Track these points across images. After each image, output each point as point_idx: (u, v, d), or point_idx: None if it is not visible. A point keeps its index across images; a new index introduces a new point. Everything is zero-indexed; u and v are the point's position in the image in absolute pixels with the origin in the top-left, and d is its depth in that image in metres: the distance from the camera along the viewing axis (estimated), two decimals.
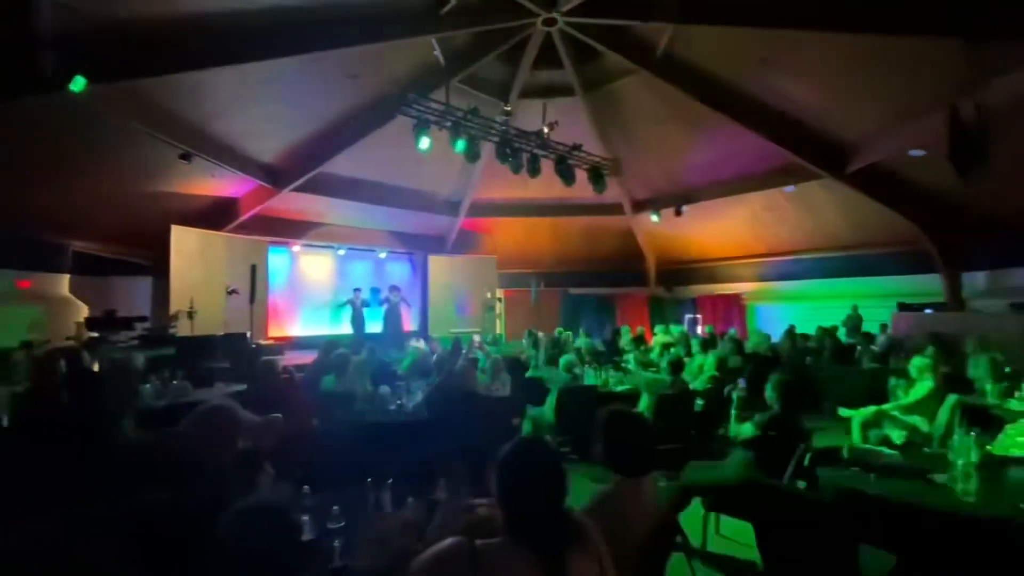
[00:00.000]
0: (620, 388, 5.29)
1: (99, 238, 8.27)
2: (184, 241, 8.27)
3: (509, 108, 7.63)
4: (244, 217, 9.21)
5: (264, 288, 9.78)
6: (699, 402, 4.78)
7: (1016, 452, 2.38)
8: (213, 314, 8.35)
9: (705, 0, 5.97)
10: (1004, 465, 2.27)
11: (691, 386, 5.04)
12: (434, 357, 5.76)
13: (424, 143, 6.81)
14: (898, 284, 9.51)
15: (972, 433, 2.32)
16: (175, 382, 4.85)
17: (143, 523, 1.90)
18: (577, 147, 8.18)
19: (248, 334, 8.33)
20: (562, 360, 5.19)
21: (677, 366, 5.14)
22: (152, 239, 8.14)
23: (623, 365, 6.52)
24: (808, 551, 1.98)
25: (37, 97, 4.95)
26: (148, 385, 4.72)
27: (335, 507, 1.80)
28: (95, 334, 6.85)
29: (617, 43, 7.56)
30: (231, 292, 8.31)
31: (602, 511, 1.78)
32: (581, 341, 8.28)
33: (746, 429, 3.03)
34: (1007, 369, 4.22)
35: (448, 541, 1.28)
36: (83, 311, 7.82)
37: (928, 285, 8.98)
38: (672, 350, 6.54)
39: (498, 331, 11.84)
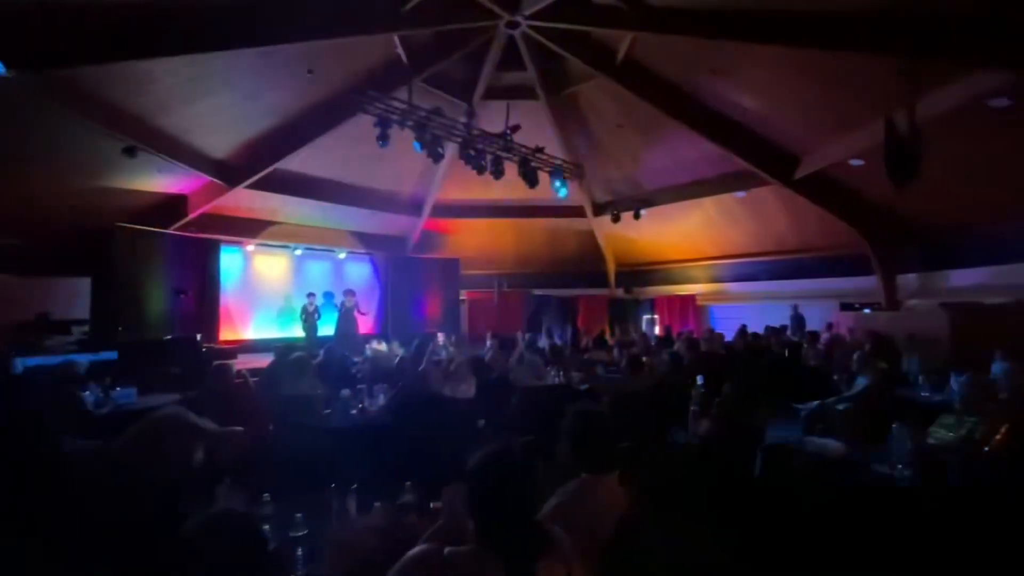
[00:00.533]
0: (583, 387, 5.38)
1: (34, 236, 7.69)
2: (128, 240, 7.81)
3: (473, 109, 7.63)
4: (194, 215, 8.78)
5: (216, 289, 9.38)
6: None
7: (942, 437, 2.58)
8: (160, 317, 7.93)
9: (663, 11, 6.15)
10: (937, 452, 2.44)
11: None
12: (396, 360, 5.67)
13: (386, 142, 6.72)
14: (838, 285, 10.08)
15: (908, 424, 2.50)
16: (118, 388, 4.59)
17: (90, 542, 1.80)
18: (540, 150, 8.26)
19: (198, 337, 7.96)
20: (525, 361, 5.22)
21: (636, 365, 5.27)
22: (94, 238, 7.63)
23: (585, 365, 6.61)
24: (763, 543, 2.07)
25: None
26: (88, 392, 4.44)
27: (298, 515, 1.75)
28: (24, 338, 6.39)
29: (579, 48, 7.69)
30: (180, 293, 7.92)
31: (568, 508, 1.81)
32: (544, 342, 8.35)
33: (703, 426, 3.14)
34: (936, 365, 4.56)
35: (417, 549, 1.28)
36: (12, 314, 7.25)
37: (866, 286, 9.56)
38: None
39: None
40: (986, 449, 2.17)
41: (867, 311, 9.19)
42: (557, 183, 8.72)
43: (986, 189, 7.06)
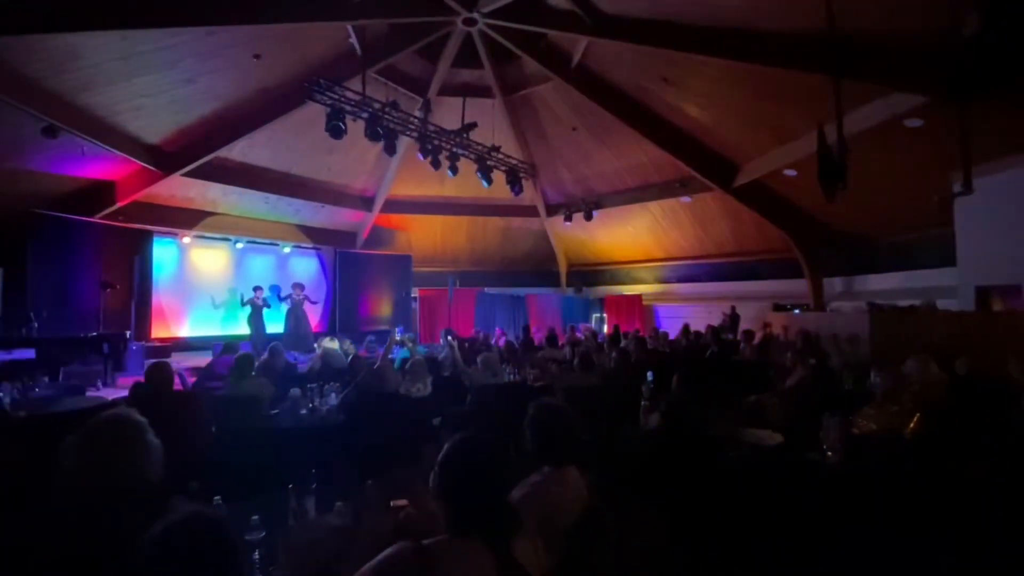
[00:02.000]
0: (537, 384, 5.46)
1: None
2: (47, 228, 7.16)
3: (430, 105, 7.55)
4: (123, 203, 8.17)
5: (148, 283, 8.78)
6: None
7: (865, 426, 2.84)
8: (84, 312, 7.33)
9: (615, 18, 6.34)
10: (862, 440, 2.69)
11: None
12: (349, 357, 5.53)
13: (336, 133, 6.54)
14: (773, 287, 10.75)
15: (835, 414, 2.73)
16: (37, 389, 4.22)
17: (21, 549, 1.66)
18: (496, 148, 8.30)
19: (128, 334, 7.43)
20: (480, 359, 5.24)
21: (587, 362, 5.41)
22: (7, 224, 6.95)
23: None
24: (712, 531, 2.21)
25: None
26: (1, 393, 4.06)
27: (254, 517, 1.70)
28: None
29: (535, 49, 7.78)
30: (106, 287, 7.35)
31: (531, 500, 1.86)
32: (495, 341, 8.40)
33: (653, 419, 3.28)
34: (857, 360, 4.97)
35: (393, 548, 1.25)
36: None
37: (796, 288, 10.26)
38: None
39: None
40: (905, 436, 2.42)
41: (796, 311, 9.85)
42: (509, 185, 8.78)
43: (900, 202, 7.76)
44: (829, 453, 2.51)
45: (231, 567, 1.04)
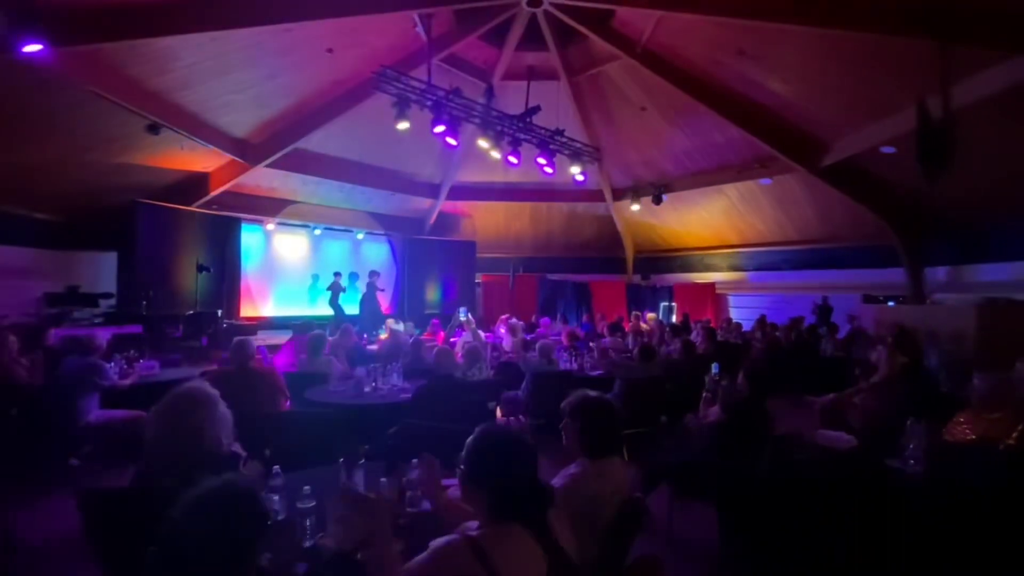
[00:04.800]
0: (594, 373, 5.38)
1: (61, 210, 7.92)
2: (151, 216, 7.98)
3: (493, 90, 7.54)
4: (215, 193, 8.92)
5: (237, 266, 9.57)
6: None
7: (958, 435, 2.51)
8: (184, 292, 8.13)
9: None
10: (952, 450, 2.39)
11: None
12: (411, 339, 5.73)
13: (403, 122, 6.70)
14: (864, 277, 9.82)
15: (922, 419, 2.44)
16: (141, 361, 4.74)
17: (103, 502, 1.87)
18: (559, 132, 8.15)
19: (220, 313, 8.15)
20: (538, 345, 5.23)
21: (648, 352, 5.24)
22: (118, 213, 7.82)
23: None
24: (767, 534, 2.06)
25: None
26: (112, 364, 4.59)
27: (306, 487, 1.80)
28: (55, 310, 6.61)
29: (602, 28, 7.51)
30: (202, 270, 8.09)
31: (571, 492, 1.83)
32: (559, 327, 8.35)
33: (713, 413, 3.12)
34: (959, 360, 4.43)
35: (445, 539, 1.28)
36: (43, 286, 7.51)
37: (892, 278, 9.30)
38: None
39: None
40: (1001, 448, 2.12)
41: (891, 304, 8.96)
42: (574, 168, 8.60)
43: (1020, 182, 6.76)
44: (911, 462, 2.26)
45: (253, 536, 1.10)
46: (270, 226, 10.29)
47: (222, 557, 1.02)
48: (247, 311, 9.86)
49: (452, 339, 7.13)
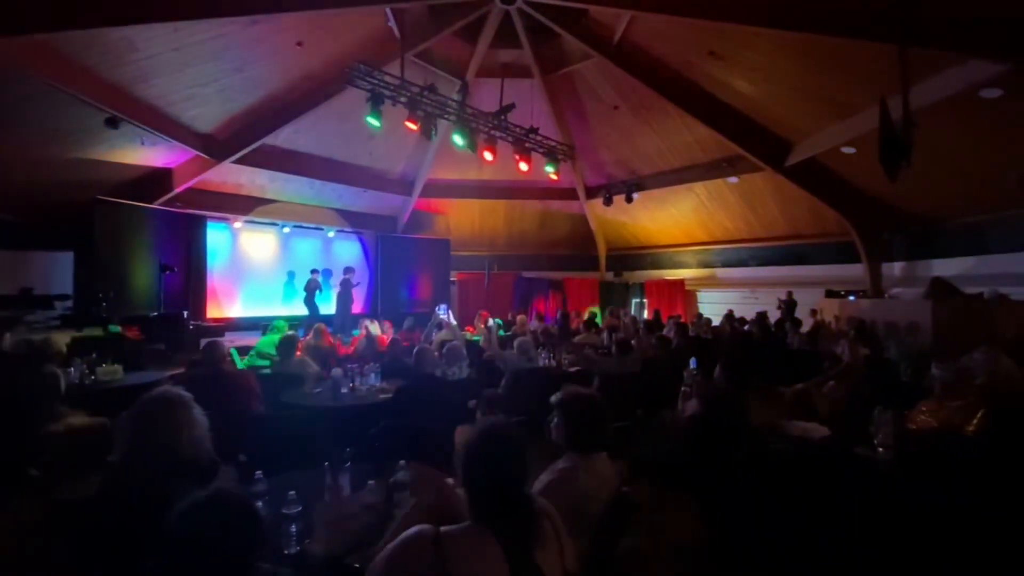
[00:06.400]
0: (572, 369, 5.42)
1: (14, 208, 7.48)
2: (111, 214, 7.63)
3: (467, 87, 7.50)
4: (179, 189, 8.59)
5: (203, 266, 9.24)
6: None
7: (923, 422, 2.65)
8: (147, 293, 7.81)
9: None
10: (918, 437, 2.51)
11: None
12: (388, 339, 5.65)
13: (376, 119, 6.60)
14: (827, 272, 10.20)
15: (889, 409, 2.56)
16: (103, 365, 4.53)
17: (77, 515, 1.79)
18: (534, 130, 8.17)
19: (185, 315, 7.87)
20: (516, 343, 5.24)
21: (624, 348, 5.32)
22: (75, 211, 7.44)
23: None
24: (747, 524, 2.12)
25: None
26: (72, 368, 4.38)
27: (291, 492, 1.76)
28: (8, 313, 6.26)
29: (575, 26, 7.57)
30: (166, 270, 7.78)
31: (558, 487, 1.84)
32: (536, 324, 8.39)
33: (691, 406, 3.18)
34: (917, 351, 4.65)
35: (414, 529, 1.27)
36: None
37: (853, 274, 9.69)
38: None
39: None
40: (966, 434, 2.24)
41: (852, 298, 9.33)
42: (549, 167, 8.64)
43: (971, 181, 7.15)
44: (880, 449, 2.36)
45: (250, 546, 1.07)
46: (237, 224, 9.97)
47: (221, 567, 0.99)
48: (214, 312, 9.53)
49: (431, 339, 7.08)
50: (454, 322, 6.89)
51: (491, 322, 7.90)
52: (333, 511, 1.84)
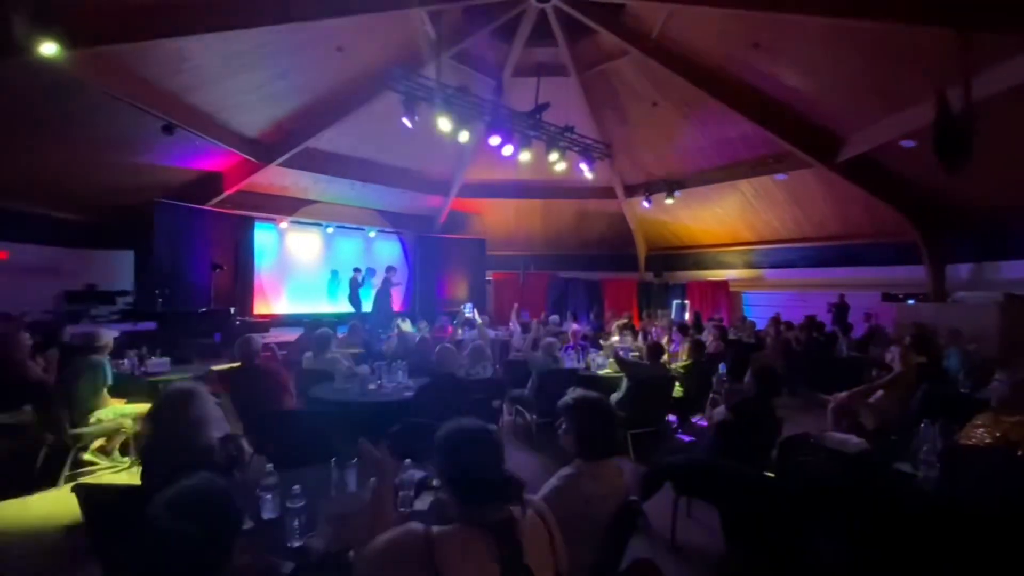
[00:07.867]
0: (602, 372, 5.32)
1: (79, 209, 8.10)
2: (167, 215, 8.12)
3: (502, 87, 7.50)
4: (229, 192, 9.03)
5: (250, 264, 9.69)
6: (678, 387, 4.81)
7: (977, 437, 2.41)
8: (198, 290, 8.25)
9: None
10: (967, 454, 2.30)
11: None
12: (417, 338, 5.73)
13: (412, 121, 6.69)
14: (884, 274, 9.58)
15: (937, 422, 2.35)
16: (152, 358, 4.81)
17: (104, 499, 1.89)
18: (569, 129, 8.08)
19: (232, 310, 8.26)
20: (542, 345, 5.19)
21: (656, 351, 5.16)
22: (134, 212, 7.98)
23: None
24: (770, 535, 2.00)
25: (7, 61, 4.78)
26: (125, 360, 4.68)
27: (295, 486, 1.79)
28: (74, 308, 6.76)
29: (612, 22, 7.42)
30: (216, 268, 8.20)
31: (565, 493, 1.79)
32: (569, 325, 8.29)
33: (719, 413, 3.04)
34: (981, 360, 4.28)
35: (404, 527, 1.27)
36: (63, 284, 7.69)
37: (913, 276, 9.05)
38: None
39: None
40: (1020, 453, 2.02)
41: (911, 302, 8.72)
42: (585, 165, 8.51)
43: None
44: (923, 465, 2.17)
45: (227, 535, 1.10)
46: (283, 224, 10.40)
47: (195, 557, 1.01)
48: (260, 308, 9.98)
49: (458, 338, 7.14)
50: (479, 321, 6.89)
51: (514, 323, 7.86)
52: (336, 507, 1.86)
